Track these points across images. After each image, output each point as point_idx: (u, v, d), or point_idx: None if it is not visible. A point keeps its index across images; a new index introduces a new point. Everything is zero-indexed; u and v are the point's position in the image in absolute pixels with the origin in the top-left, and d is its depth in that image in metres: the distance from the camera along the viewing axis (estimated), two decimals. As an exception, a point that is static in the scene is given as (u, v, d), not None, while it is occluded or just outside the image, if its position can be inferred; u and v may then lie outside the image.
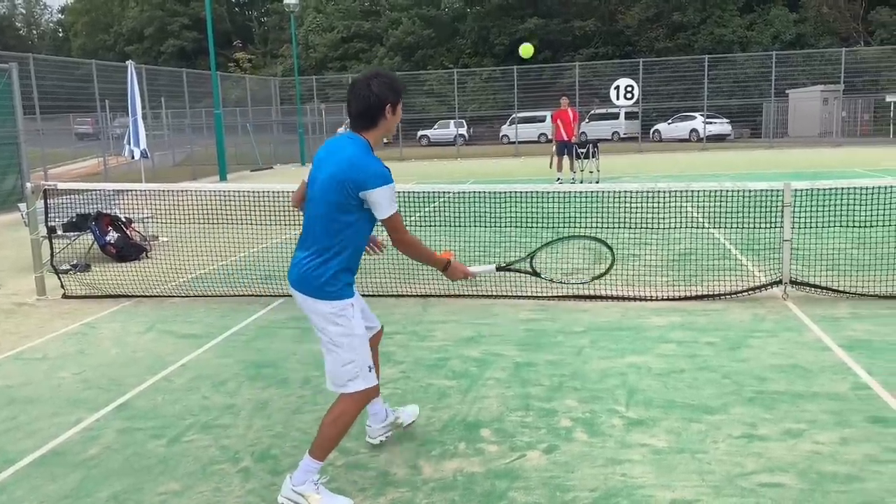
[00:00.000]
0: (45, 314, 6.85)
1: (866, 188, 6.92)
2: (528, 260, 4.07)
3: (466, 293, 6.87)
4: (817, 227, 6.87)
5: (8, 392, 4.81)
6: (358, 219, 3.13)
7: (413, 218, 8.43)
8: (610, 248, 4.28)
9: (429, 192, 8.77)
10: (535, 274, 4.05)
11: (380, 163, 3.12)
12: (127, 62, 13.23)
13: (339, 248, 3.13)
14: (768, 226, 7.06)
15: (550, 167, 17.31)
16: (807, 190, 6.73)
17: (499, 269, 3.88)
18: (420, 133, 39.38)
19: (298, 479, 3.19)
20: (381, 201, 3.06)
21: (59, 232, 8.82)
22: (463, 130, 37.32)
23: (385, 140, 3.43)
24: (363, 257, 3.35)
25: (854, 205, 6.83)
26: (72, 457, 3.82)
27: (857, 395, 4.22)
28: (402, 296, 6.89)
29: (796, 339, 5.27)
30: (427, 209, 8.97)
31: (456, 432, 3.93)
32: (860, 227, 6.88)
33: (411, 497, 3.29)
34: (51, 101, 18.65)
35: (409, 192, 8.05)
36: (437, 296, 6.85)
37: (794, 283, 6.44)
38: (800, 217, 6.80)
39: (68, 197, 9.60)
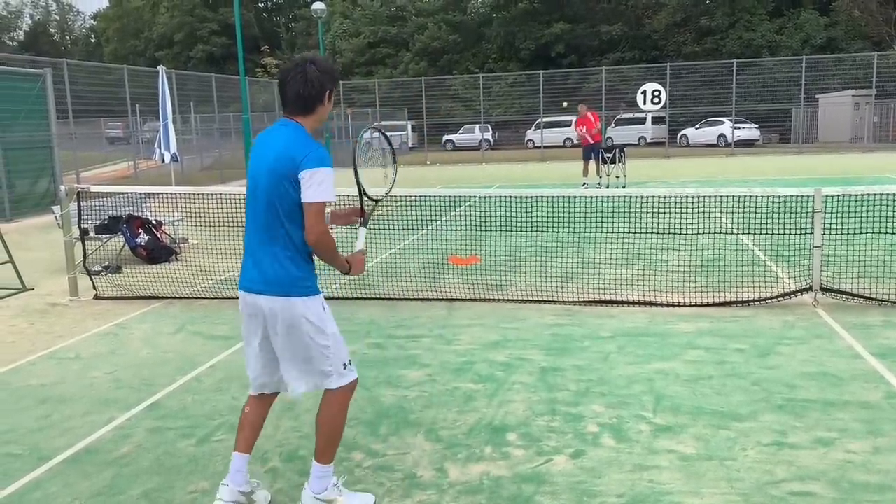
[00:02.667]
0: (77, 315, 6.97)
1: (899, 194, 6.81)
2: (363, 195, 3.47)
3: (492, 297, 6.88)
4: (848, 233, 6.78)
5: (42, 391, 4.91)
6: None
7: (438, 222, 8.46)
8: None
9: (454, 197, 8.79)
10: (370, 198, 3.49)
11: (321, 146, 3.01)
12: (158, 67, 13.39)
13: (302, 239, 3.02)
14: (798, 232, 6.98)
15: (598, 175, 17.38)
16: (838, 196, 6.64)
17: (364, 224, 3.46)
18: (445, 138, 39.42)
19: (318, 487, 3.16)
20: (319, 181, 2.94)
21: (92, 234, 8.98)
22: (488, 135, 37.32)
23: (410, 145, 3.14)
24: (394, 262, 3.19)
25: (886, 211, 6.72)
26: (104, 455, 3.88)
27: (891, 404, 4.16)
28: (428, 299, 6.91)
29: (827, 347, 5.20)
30: (452, 213, 9.00)
31: (482, 436, 3.93)
32: (893, 233, 6.77)
33: (437, 500, 3.30)
34: (83, 105, 18.99)
35: (434, 197, 8.07)
36: (463, 300, 6.86)
37: (824, 289, 6.36)
38: (831, 223, 6.71)
39: (100, 200, 9.76)
